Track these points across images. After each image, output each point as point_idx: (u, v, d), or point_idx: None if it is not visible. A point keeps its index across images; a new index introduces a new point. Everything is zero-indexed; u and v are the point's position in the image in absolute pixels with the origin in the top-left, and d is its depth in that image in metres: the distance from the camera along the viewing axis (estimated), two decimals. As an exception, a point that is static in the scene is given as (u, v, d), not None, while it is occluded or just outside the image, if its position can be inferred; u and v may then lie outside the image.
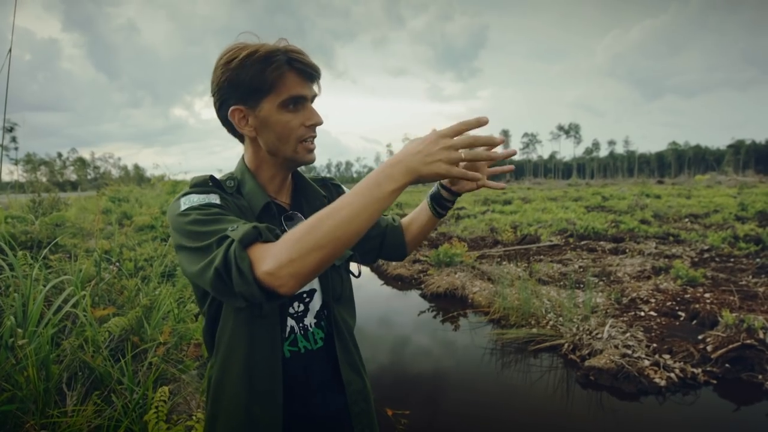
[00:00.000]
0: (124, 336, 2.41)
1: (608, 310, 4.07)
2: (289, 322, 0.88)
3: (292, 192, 0.95)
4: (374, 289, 5.87)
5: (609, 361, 3.04)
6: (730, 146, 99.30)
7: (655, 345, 3.27)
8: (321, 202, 0.94)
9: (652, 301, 4.29)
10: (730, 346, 3.01)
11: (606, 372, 2.97)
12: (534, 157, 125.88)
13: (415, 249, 1.11)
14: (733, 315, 3.29)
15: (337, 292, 0.94)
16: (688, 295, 4.32)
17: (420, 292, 5.49)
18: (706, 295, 4.26)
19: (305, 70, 0.81)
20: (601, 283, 5.01)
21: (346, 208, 0.64)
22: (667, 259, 5.99)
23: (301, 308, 0.89)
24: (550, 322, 3.90)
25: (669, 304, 4.15)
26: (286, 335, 0.87)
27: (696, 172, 79.23)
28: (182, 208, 0.75)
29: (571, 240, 7.90)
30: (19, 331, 1.84)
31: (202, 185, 0.83)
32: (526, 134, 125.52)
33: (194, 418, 1.94)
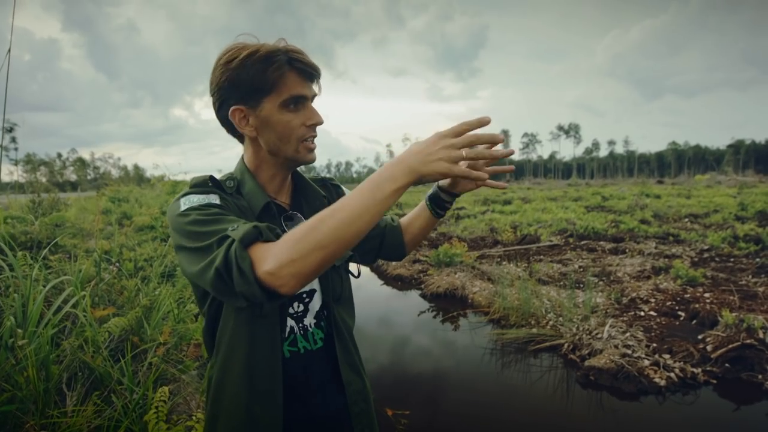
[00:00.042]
0: (124, 336, 2.41)
1: (608, 310, 4.07)
2: (288, 323, 0.87)
3: (291, 192, 0.95)
4: (374, 290, 5.87)
5: (609, 361, 3.04)
6: (729, 146, 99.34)
7: (654, 345, 3.27)
8: (321, 203, 0.94)
9: (652, 300, 4.29)
10: (730, 346, 3.02)
11: (606, 372, 2.98)
12: (534, 157, 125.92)
13: (414, 249, 1.11)
14: (733, 315, 3.29)
15: (337, 293, 0.94)
16: (688, 295, 4.32)
17: (420, 292, 5.49)
18: (706, 295, 4.26)
19: (306, 70, 0.81)
20: (601, 283, 5.01)
21: (348, 208, 0.64)
22: (666, 259, 5.99)
23: (301, 308, 0.89)
24: (550, 322, 3.90)
25: (669, 303, 4.15)
26: (285, 335, 0.87)
27: (696, 172, 79.26)
28: (182, 208, 0.75)
29: (571, 240, 7.90)
30: (19, 331, 1.84)
31: (202, 185, 0.83)
32: (525, 134, 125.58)
33: (194, 418, 1.94)
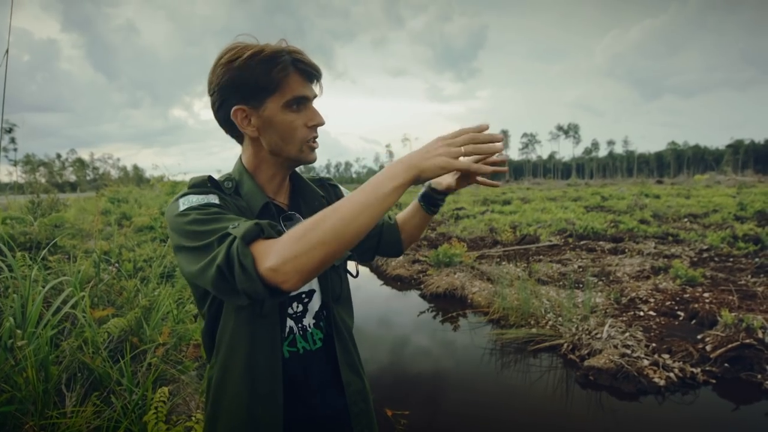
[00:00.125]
0: (124, 337, 2.40)
1: (607, 310, 4.07)
2: (288, 323, 0.87)
3: (290, 193, 0.95)
4: (374, 290, 5.87)
5: (608, 360, 3.04)
6: (729, 146, 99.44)
7: (654, 345, 3.27)
8: (319, 203, 0.94)
9: (652, 300, 4.29)
10: (729, 346, 3.02)
11: (605, 372, 2.98)
12: (533, 157, 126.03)
13: (410, 246, 1.13)
14: (732, 314, 3.29)
15: (337, 293, 0.94)
16: (687, 295, 4.32)
17: (419, 293, 5.49)
18: (705, 295, 4.27)
19: (308, 71, 0.82)
20: (601, 283, 5.01)
21: (350, 206, 0.65)
22: (666, 259, 5.99)
23: (300, 309, 0.89)
24: (550, 322, 3.90)
25: (668, 303, 4.15)
26: (284, 336, 0.87)
27: (695, 172, 79.28)
28: (181, 208, 0.75)
29: (571, 240, 7.90)
30: (18, 332, 1.83)
31: (201, 186, 0.83)
32: (525, 134, 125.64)
33: (193, 418, 1.94)
